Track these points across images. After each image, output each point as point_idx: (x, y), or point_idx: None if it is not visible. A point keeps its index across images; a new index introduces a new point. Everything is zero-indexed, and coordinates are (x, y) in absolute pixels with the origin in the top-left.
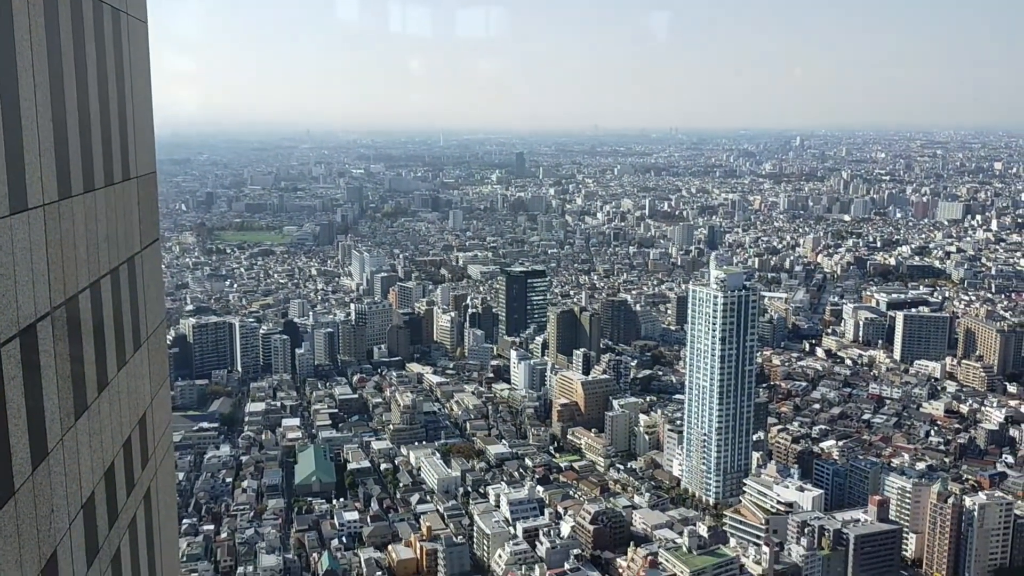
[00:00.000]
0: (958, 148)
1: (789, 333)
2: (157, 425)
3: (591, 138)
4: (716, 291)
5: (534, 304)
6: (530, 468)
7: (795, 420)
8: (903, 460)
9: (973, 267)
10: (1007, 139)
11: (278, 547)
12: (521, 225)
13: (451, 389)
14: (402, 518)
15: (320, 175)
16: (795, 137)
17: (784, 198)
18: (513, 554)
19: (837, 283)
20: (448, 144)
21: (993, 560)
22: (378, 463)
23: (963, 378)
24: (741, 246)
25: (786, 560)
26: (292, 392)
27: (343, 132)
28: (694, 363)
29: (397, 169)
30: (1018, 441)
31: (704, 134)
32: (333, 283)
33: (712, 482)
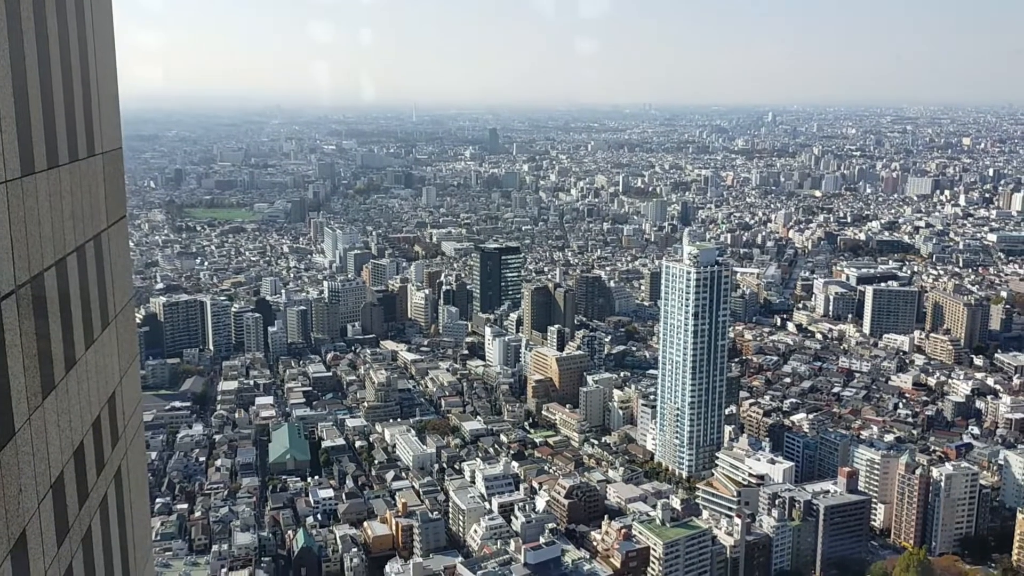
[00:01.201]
0: (927, 124)
1: (761, 308)
2: (127, 404)
3: (565, 114)
4: (689, 267)
5: (508, 281)
6: (505, 444)
7: (766, 394)
8: (872, 432)
9: (941, 242)
10: (975, 115)
11: (253, 525)
12: (495, 202)
13: (426, 366)
14: (377, 495)
15: (291, 151)
16: (767, 113)
17: (756, 174)
18: (488, 529)
19: (808, 258)
20: (421, 120)
21: (959, 529)
22: (353, 440)
23: (931, 351)
24: (714, 222)
25: (757, 531)
26: (265, 370)
27: (314, 108)
28: (667, 338)
29: (369, 145)
30: (984, 413)
31: (677, 110)
32: (305, 260)
33: (685, 456)
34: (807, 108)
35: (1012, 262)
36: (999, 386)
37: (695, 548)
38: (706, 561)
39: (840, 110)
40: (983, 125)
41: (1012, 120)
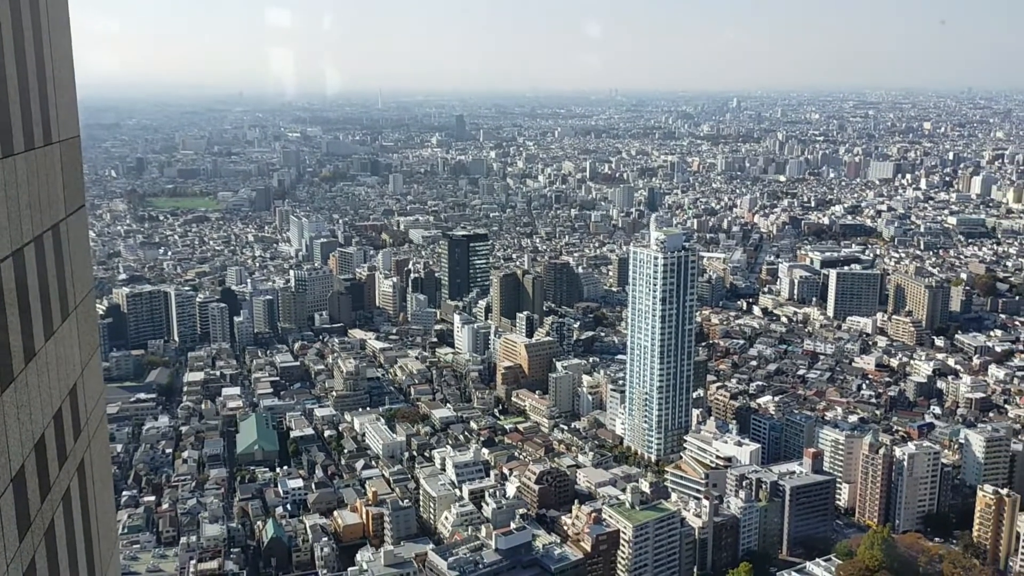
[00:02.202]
0: (889, 109)
1: (727, 292)
2: (89, 396)
3: (531, 100)
4: (656, 252)
5: (477, 268)
6: (475, 431)
7: (733, 377)
8: (836, 413)
9: (903, 225)
10: (936, 99)
11: (221, 516)
12: (462, 189)
13: (394, 354)
14: (347, 484)
15: (255, 139)
16: (732, 99)
17: (721, 159)
18: (459, 516)
19: (773, 242)
20: (386, 107)
21: (922, 506)
22: (322, 430)
23: (893, 333)
24: (680, 207)
25: (725, 512)
26: (231, 361)
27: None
28: (635, 324)
29: (335, 132)
30: (945, 393)
31: (643, 96)
32: (271, 249)
33: (654, 439)
34: (771, 94)
35: (971, 244)
36: (959, 366)
37: (664, 530)
38: (675, 543)
39: (804, 95)
40: (943, 110)
41: (971, 105)
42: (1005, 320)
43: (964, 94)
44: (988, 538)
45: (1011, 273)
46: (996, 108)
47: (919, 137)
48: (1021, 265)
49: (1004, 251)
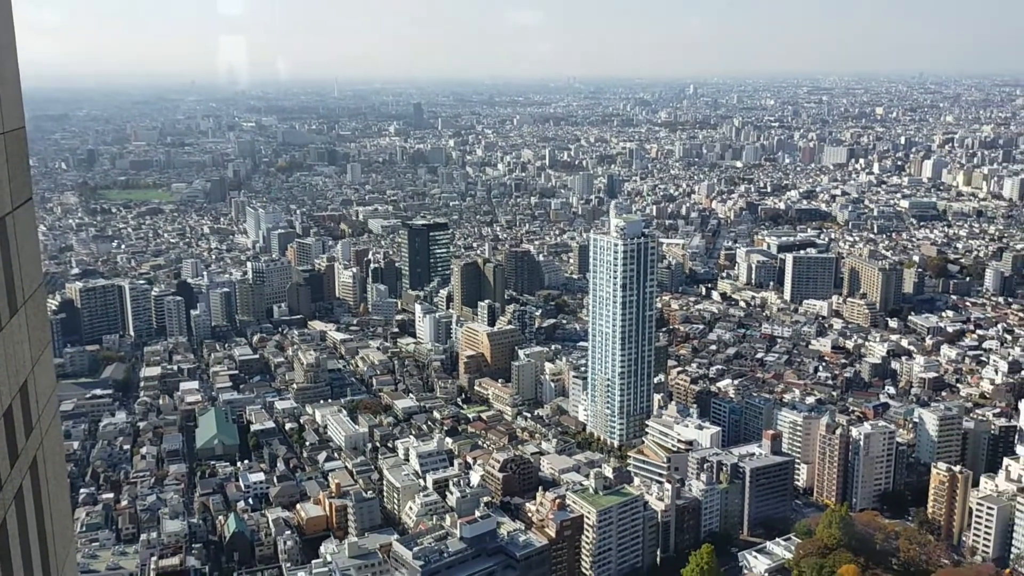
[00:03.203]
0: (842, 94)
1: (686, 278)
2: (40, 392)
3: (489, 88)
4: (616, 239)
5: (437, 257)
6: (438, 420)
7: (693, 362)
8: (794, 395)
9: (857, 209)
10: (888, 84)
11: (182, 512)
12: (421, 177)
13: (355, 345)
14: (310, 477)
15: (208, 129)
16: (689, 86)
17: (679, 146)
18: (424, 505)
19: (731, 228)
20: (343, 95)
21: (878, 485)
22: (283, 423)
23: (848, 315)
24: (639, 194)
25: (687, 495)
26: (189, 355)
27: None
28: (597, 310)
29: (290, 122)
30: (899, 373)
31: (601, 83)
32: (227, 241)
33: (616, 425)
34: (727, 80)
35: (923, 227)
36: (913, 347)
37: (627, 514)
38: (638, 526)
39: (759, 82)
40: (895, 95)
41: (922, 89)
42: (956, 301)
43: (915, 79)
44: (942, 514)
45: (961, 255)
46: (946, 93)
47: (872, 122)
48: (971, 247)
49: (955, 233)
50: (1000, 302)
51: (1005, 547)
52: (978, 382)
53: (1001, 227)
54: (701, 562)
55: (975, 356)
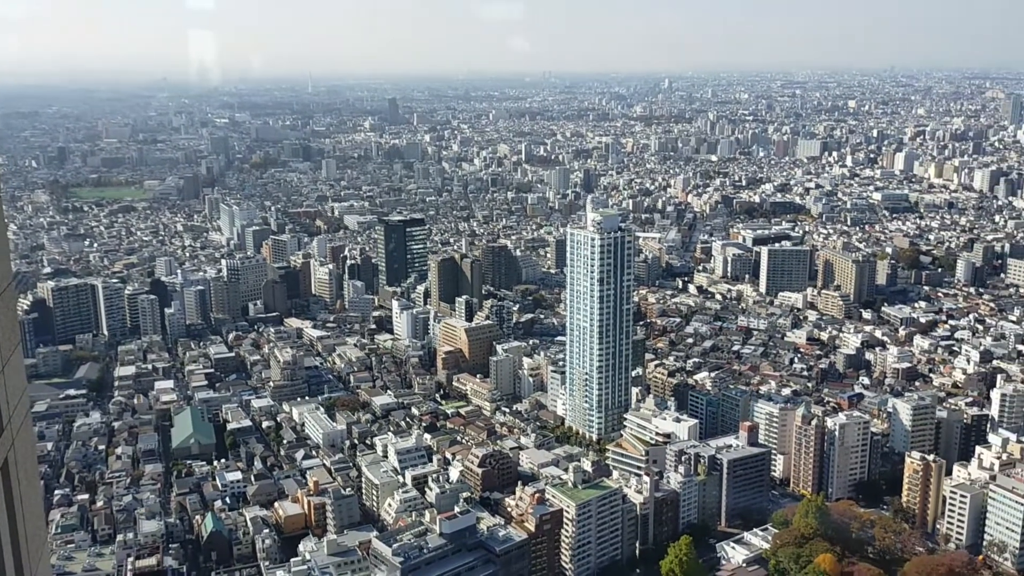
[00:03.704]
0: (815, 88)
1: (663, 271)
2: (11, 393)
3: (465, 83)
4: (593, 234)
5: (414, 253)
6: (417, 417)
7: (671, 355)
8: (770, 387)
9: (830, 202)
10: (860, 78)
11: (158, 512)
12: (397, 173)
13: (332, 342)
14: (288, 475)
15: (181, 125)
16: (664, 80)
17: (655, 140)
18: (403, 502)
19: (706, 221)
20: (317, 90)
21: (853, 475)
22: (259, 421)
23: (823, 307)
24: (616, 188)
25: (665, 488)
26: (164, 354)
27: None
28: (574, 305)
29: (264, 118)
30: (873, 364)
31: (576, 78)
32: (201, 239)
33: (595, 419)
34: (701, 75)
35: (896, 219)
36: (886, 338)
37: (606, 507)
38: (617, 519)
39: (733, 76)
40: (867, 88)
41: (894, 83)
42: (929, 292)
43: (887, 72)
44: (916, 503)
45: (933, 246)
46: (917, 86)
47: (844, 115)
48: (943, 238)
49: (927, 225)
50: (971, 292)
51: (978, 534)
52: (950, 372)
53: (972, 218)
54: (680, 554)
55: (947, 346)
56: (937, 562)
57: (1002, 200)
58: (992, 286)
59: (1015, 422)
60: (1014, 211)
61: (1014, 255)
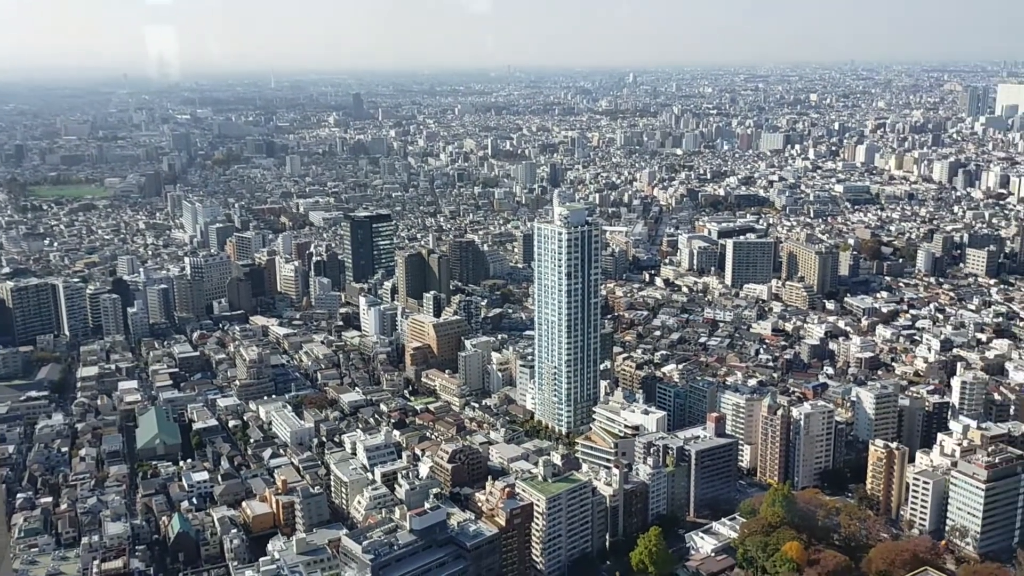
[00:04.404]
0: (778, 81)
1: (630, 265)
2: None
3: (430, 77)
4: (560, 228)
5: (381, 249)
6: (385, 413)
7: (638, 348)
8: (736, 378)
9: (793, 194)
10: (821, 71)
11: (124, 514)
12: (363, 169)
13: (299, 340)
14: (255, 474)
15: (142, 122)
16: (628, 74)
17: (620, 134)
18: (372, 499)
19: (672, 215)
20: (280, 86)
21: (818, 463)
22: (226, 420)
23: (787, 298)
24: (582, 182)
25: (634, 479)
26: (127, 353)
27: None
28: (542, 299)
29: (226, 113)
30: (837, 354)
31: (542, 72)
32: (164, 237)
33: (564, 412)
34: (666, 69)
35: (857, 211)
36: (849, 328)
37: (577, 500)
38: (587, 512)
39: (696, 70)
40: (828, 81)
41: (854, 76)
42: (890, 282)
43: (847, 66)
44: (880, 490)
45: (894, 237)
46: (877, 79)
47: (806, 108)
48: (903, 229)
49: (887, 216)
50: (931, 282)
51: (940, 520)
52: (912, 361)
53: (931, 209)
54: (649, 544)
55: (909, 335)
56: (901, 548)
57: (960, 191)
58: (951, 276)
59: (975, 409)
60: (972, 202)
61: (972, 245)
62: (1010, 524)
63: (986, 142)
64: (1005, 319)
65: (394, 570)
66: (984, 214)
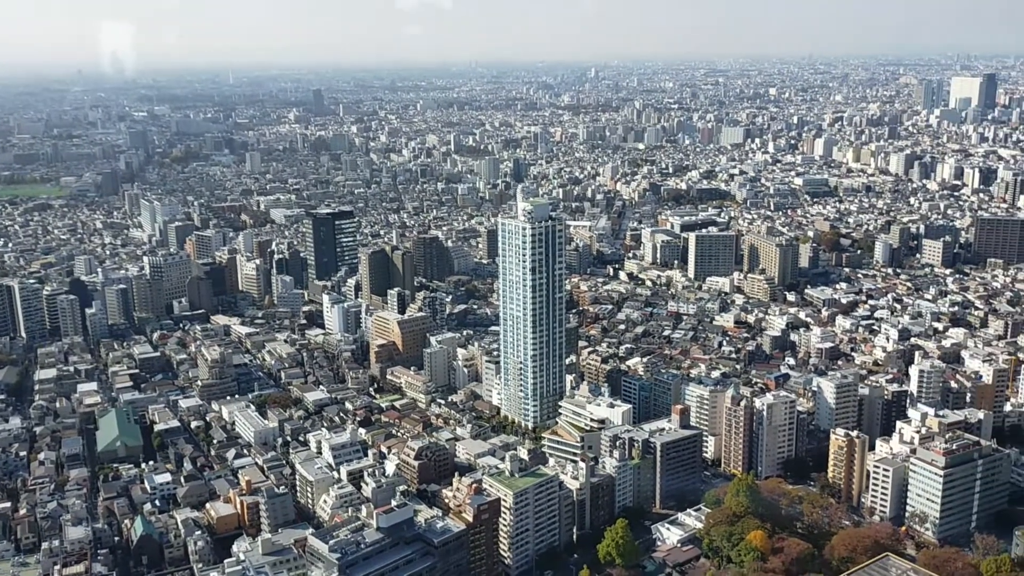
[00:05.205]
0: (737, 76)
1: (594, 259)
2: None
3: (391, 73)
4: (524, 223)
5: (344, 246)
6: (351, 411)
7: (603, 341)
8: (700, 370)
9: (754, 187)
10: (780, 66)
11: (85, 518)
12: (324, 165)
13: (262, 339)
14: (219, 475)
15: (98, 119)
16: (590, 69)
17: (583, 129)
18: (338, 498)
19: (635, 209)
20: (238, 82)
21: (781, 453)
22: (188, 421)
23: (749, 291)
24: (545, 177)
25: (601, 473)
26: (86, 355)
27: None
28: (507, 294)
29: (184, 110)
30: (798, 344)
31: (504, 67)
32: (122, 236)
33: (530, 407)
34: (627, 64)
35: (816, 203)
36: (810, 319)
37: (544, 495)
38: (554, 506)
39: (658, 65)
40: (787, 76)
41: (812, 70)
42: (849, 273)
43: (805, 60)
44: (842, 478)
45: (852, 229)
46: (835, 73)
47: (766, 102)
48: (861, 221)
49: (846, 209)
50: (889, 273)
51: (900, 506)
52: (871, 350)
53: (888, 201)
54: (616, 537)
55: (868, 325)
56: (863, 534)
57: (916, 183)
58: (909, 266)
59: (933, 397)
60: (928, 193)
61: (928, 236)
62: (967, 509)
63: (941, 134)
64: (960, 308)
65: (361, 568)
66: (939, 205)
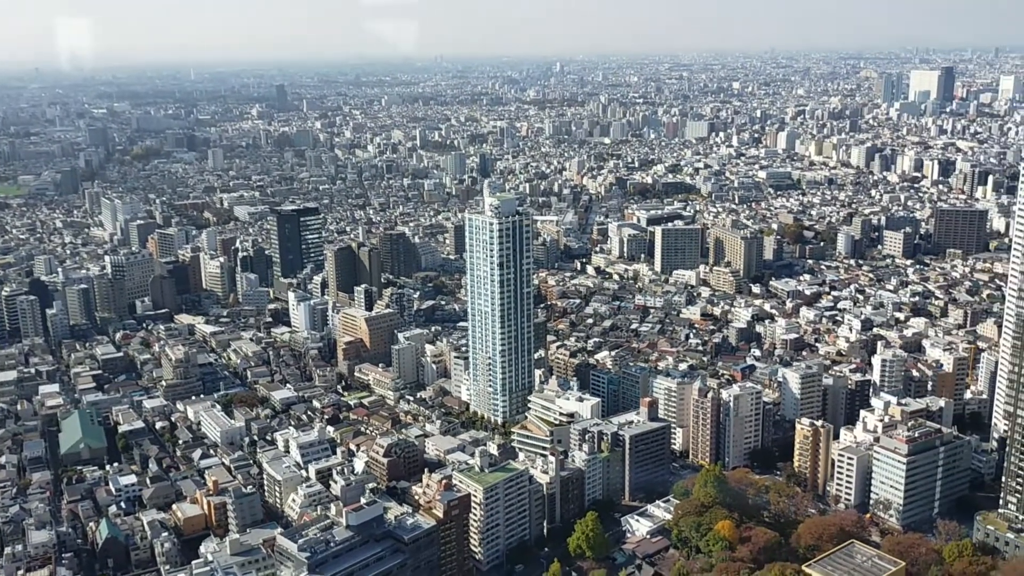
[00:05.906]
0: (701, 70)
1: (561, 254)
2: None
3: (355, 68)
4: (491, 218)
5: (309, 243)
6: (318, 410)
7: (572, 336)
8: (668, 363)
9: (719, 181)
10: (743, 60)
11: (49, 521)
12: (288, 161)
13: (227, 338)
14: (185, 476)
15: (56, 117)
16: (555, 63)
17: (549, 123)
18: (307, 497)
19: (602, 203)
20: (200, 78)
21: (748, 443)
22: (153, 422)
23: (715, 283)
24: (512, 172)
25: (571, 466)
26: (47, 356)
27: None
28: (475, 290)
29: (145, 107)
30: (763, 336)
31: (468, 62)
32: (82, 235)
33: (499, 402)
34: (592, 58)
35: (780, 196)
36: (775, 311)
37: (514, 489)
38: (524, 500)
39: (622, 59)
40: (750, 70)
41: (775, 64)
42: (812, 265)
43: (768, 54)
44: (807, 467)
45: (815, 221)
46: (796, 67)
47: (729, 96)
48: (824, 214)
49: (809, 201)
50: (851, 264)
51: (865, 494)
52: (835, 340)
53: (850, 193)
54: (586, 529)
55: (831, 316)
56: (828, 522)
57: (877, 175)
58: (870, 257)
59: (895, 386)
60: (888, 185)
61: (889, 227)
62: (930, 496)
63: (901, 127)
64: (921, 298)
65: (331, 567)
66: (900, 197)
